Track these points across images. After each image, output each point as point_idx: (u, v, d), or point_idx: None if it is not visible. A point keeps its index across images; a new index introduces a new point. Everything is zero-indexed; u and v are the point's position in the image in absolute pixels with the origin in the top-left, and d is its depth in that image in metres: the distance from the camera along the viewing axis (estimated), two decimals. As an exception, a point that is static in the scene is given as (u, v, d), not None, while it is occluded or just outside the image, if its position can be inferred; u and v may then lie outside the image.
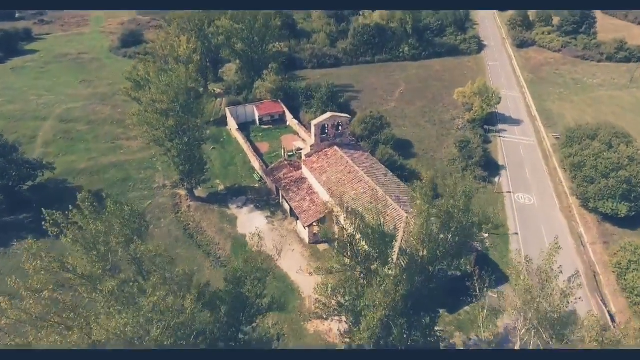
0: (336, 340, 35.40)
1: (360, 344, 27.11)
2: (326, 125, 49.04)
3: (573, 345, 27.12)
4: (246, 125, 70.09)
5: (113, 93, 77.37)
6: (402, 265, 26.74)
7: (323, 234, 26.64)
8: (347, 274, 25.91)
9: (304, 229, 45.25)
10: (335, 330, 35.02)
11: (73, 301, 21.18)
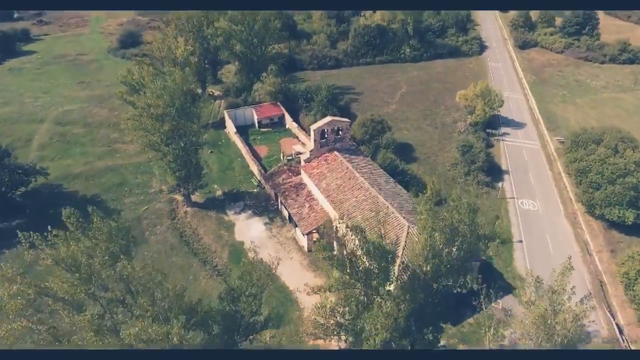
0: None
1: None
2: (326, 130, 47.84)
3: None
4: (245, 128, 68.98)
5: (110, 95, 76.26)
6: (405, 282, 25.61)
7: (320, 249, 25.38)
8: (347, 292, 24.77)
9: (303, 236, 44.14)
10: (334, 345, 33.88)
11: (52, 332, 19.99)
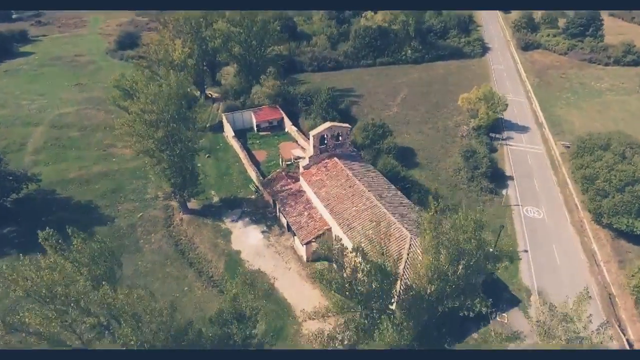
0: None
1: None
2: (325, 136, 46.48)
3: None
4: (243, 131, 67.68)
5: (107, 97, 74.80)
6: (407, 303, 24.23)
7: (319, 276, 24.04)
8: (347, 316, 23.48)
9: (302, 246, 42.82)
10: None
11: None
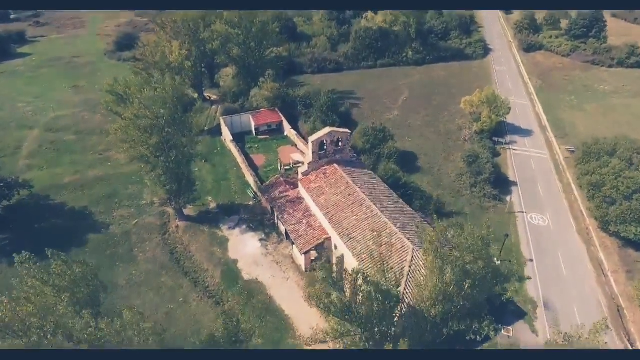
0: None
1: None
2: (325, 141, 45.22)
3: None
4: (242, 135, 66.46)
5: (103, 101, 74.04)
6: (410, 326, 23.10)
7: (316, 300, 22.85)
8: (347, 341, 22.33)
9: (301, 255, 41.62)
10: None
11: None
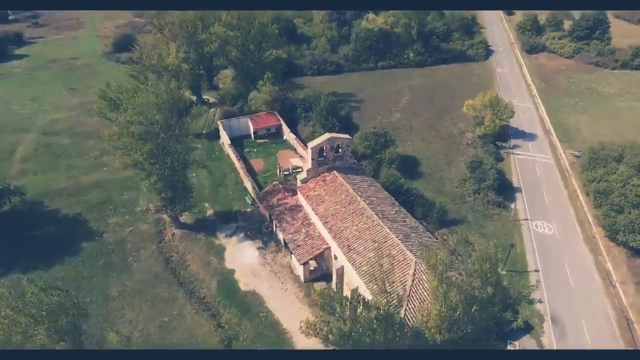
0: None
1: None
2: (324, 148, 43.94)
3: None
4: (240, 139, 65.24)
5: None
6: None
7: (313, 329, 21.64)
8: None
9: (299, 265, 40.35)
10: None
11: None
